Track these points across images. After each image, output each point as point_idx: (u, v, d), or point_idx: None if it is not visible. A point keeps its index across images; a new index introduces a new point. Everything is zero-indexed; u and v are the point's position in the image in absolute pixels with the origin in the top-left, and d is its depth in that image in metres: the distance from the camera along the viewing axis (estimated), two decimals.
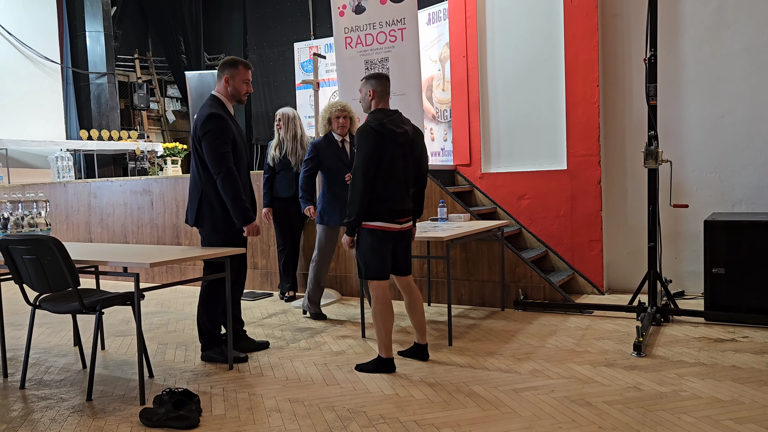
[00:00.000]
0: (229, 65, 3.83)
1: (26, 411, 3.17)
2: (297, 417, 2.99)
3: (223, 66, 3.85)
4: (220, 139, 3.69)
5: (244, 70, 3.85)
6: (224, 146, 3.70)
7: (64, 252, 3.17)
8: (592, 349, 3.95)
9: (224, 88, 3.84)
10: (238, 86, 3.84)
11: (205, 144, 3.70)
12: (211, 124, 3.69)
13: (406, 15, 5.79)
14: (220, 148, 3.69)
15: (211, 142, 3.68)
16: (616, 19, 5.75)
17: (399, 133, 3.56)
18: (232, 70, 3.82)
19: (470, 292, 5.38)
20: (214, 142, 3.68)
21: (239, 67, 3.83)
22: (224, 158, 3.69)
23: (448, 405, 3.08)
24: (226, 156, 3.70)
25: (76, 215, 7.68)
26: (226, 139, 3.71)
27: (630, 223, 5.77)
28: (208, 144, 3.69)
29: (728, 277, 4.52)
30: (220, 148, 3.69)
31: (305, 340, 4.39)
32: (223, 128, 3.72)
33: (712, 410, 2.91)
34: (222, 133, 3.71)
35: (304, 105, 10.47)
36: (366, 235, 3.58)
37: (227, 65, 3.84)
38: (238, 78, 3.83)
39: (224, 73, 3.83)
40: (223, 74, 3.83)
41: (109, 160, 12.08)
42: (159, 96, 14.10)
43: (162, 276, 7.03)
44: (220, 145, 3.69)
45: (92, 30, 12.02)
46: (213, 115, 3.71)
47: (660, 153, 4.51)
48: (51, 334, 4.81)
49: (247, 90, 3.88)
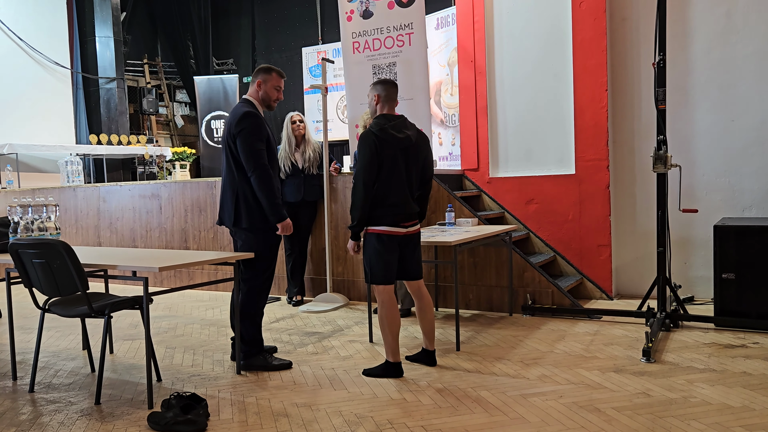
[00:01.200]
0: (263, 71, 3.89)
1: (35, 414, 3.18)
2: (304, 422, 2.98)
3: (257, 72, 3.91)
4: (255, 136, 3.71)
5: (277, 77, 3.90)
6: (259, 143, 3.72)
7: (73, 256, 3.19)
8: (601, 355, 3.93)
9: (256, 92, 3.88)
10: (269, 92, 3.88)
11: (240, 141, 3.70)
12: (247, 122, 3.71)
13: (414, 20, 5.79)
14: (255, 145, 3.70)
15: (246, 139, 3.69)
16: (624, 23, 5.73)
17: (401, 138, 3.56)
18: (265, 75, 3.87)
19: (478, 297, 5.37)
20: (249, 138, 3.70)
21: (272, 74, 3.89)
22: (259, 155, 3.70)
23: (456, 410, 3.07)
24: (261, 153, 3.71)
25: (86, 219, 7.72)
26: (261, 137, 3.73)
27: (639, 228, 5.74)
28: (243, 140, 3.70)
29: (738, 282, 4.48)
30: (255, 145, 3.70)
31: (313, 345, 4.39)
32: (258, 126, 3.74)
33: (723, 417, 2.88)
34: (257, 131, 3.73)
35: (312, 109, 10.50)
36: (371, 240, 3.58)
37: (261, 71, 3.90)
38: (270, 84, 3.87)
39: (257, 78, 3.88)
40: (257, 79, 3.88)
41: (118, 164, 12.14)
42: (168, 101, 14.18)
43: (170, 280, 7.05)
44: (255, 142, 3.71)
45: (102, 35, 12.11)
46: (248, 113, 3.74)
47: (669, 157, 4.48)
48: (60, 337, 4.83)
49: (277, 97, 3.92)
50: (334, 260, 5.95)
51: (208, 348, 4.40)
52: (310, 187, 5.78)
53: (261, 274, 3.84)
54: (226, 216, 3.85)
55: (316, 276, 6.12)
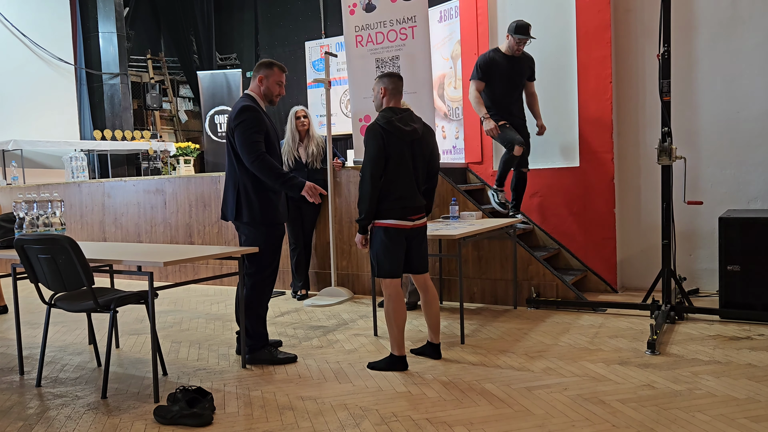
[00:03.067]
0: (265, 66, 3.88)
1: (42, 408, 3.20)
2: (310, 415, 3.00)
3: (259, 66, 3.90)
4: (253, 129, 3.71)
5: (279, 72, 3.89)
6: (257, 135, 3.72)
7: (78, 251, 3.20)
8: (606, 347, 3.93)
9: (258, 88, 3.87)
10: (271, 87, 3.87)
11: (238, 133, 3.71)
12: (245, 115, 3.72)
13: (417, 13, 5.77)
14: (252, 137, 3.70)
15: (243, 131, 3.70)
16: (628, 14, 5.70)
17: (407, 131, 3.56)
18: (267, 70, 3.86)
19: (482, 291, 5.37)
20: (246, 131, 3.70)
21: (274, 69, 3.87)
22: (255, 146, 3.70)
23: (461, 403, 3.07)
24: (258, 144, 3.71)
25: (90, 215, 7.74)
26: (259, 130, 3.73)
27: (643, 221, 5.73)
28: (241, 133, 3.70)
29: (743, 274, 4.47)
30: (253, 137, 3.70)
31: (317, 339, 4.40)
32: (256, 119, 3.74)
33: (728, 408, 2.88)
34: (255, 123, 3.73)
35: (316, 104, 10.49)
36: (378, 233, 3.58)
37: (263, 66, 3.88)
38: (272, 79, 3.86)
39: (259, 73, 3.87)
40: (258, 74, 3.87)
41: (123, 160, 12.17)
42: (171, 96, 14.18)
43: (175, 275, 7.08)
44: (253, 134, 3.70)
45: (105, 31, 12.12)
46: (247, 107, 3.75)
47: (674, 150, 4.47)
48: (66, 332, 4.86)
49: (279, 92, 3.91)
50: (338, 254, 5.95)
51: (213, 342, 4.41)
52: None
53: (265, 269, 3.84)
54: (228, 210, 3.86)
55: (321, 270, 6.12)
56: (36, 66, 11.36)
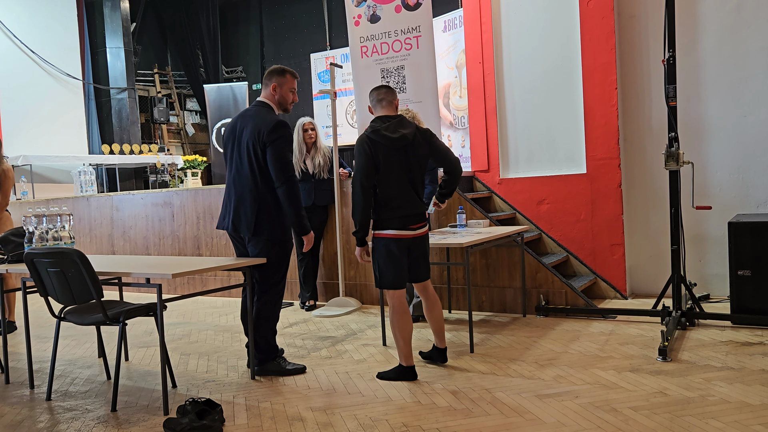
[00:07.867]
0: (277, 73, 3.79)
1: (52, 422, 3.21)
2: (319, 426, 2.98)
3: (270, 74, 3.80)
4: (287, 147, 3.68)
5: (291, 79, 3.82)
6: (290, 154, 3.70)
7: (87, 264, 3.22)
8: (617, 355, 3.90)
9: (272, 96, 3.80)
10: (285, 94, 3.81)
11: (273, 150, 3.62)
12: (282, 131, 3.65)
13: (422, 23, 5.80)
14: (287, 156, 3.66)
15: (279, 149, 3.63)
16: (633, 20, 5.70)
17: (395, 138, 3.51)
18: (280, 78, 3.79)
19: (491, 299, 5.35)
20: (282, 149, 3.64)
21: (287, 76, 3.80)
22: (290, 167, 3.67)
23: (471, 412, 3.05)
24: (291, 165, 3.69)
25: (99, 228, 7.78)
26: (292, 148, 3.73)
27: (652, 226, 5.70)
28: (276, 150, 3.62)
29: (754, 279, 4.43)
30: (288, 156, 3.67)
31: (326, 349, 4.39)
32: (291, 137, 3.72)
33: (741, 415, 2.85)
34: (290, 142, 3.71)
35: (322, 115, 10.53)
36: (380, 245, 3.57)
37: (275, 73, 3.80)
38: (285, 86, 3.80)
39: (272, 81, 3.79)
40: (271, 82, 3.79)
41: (131, 173, 12.23)
42: (178, 109, 14.27)
43: (184, 287, 7.09)
44: (288, 153, 3.67)
45: (113, 46, 12.23)
46: (283, 123, 3.69)
47: (681, 155, 4.45)
48: (76, 345, 4.87)
49: (293, 99, 3.85)
50: (346, 264, 5.95)
51: (222, 354, 4.41)
52: (320, 192, 5.80)
53: (278, 283, 3.82)
54: (243, 224, 3.72)
55: (329, 280, 6.12)
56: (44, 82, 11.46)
